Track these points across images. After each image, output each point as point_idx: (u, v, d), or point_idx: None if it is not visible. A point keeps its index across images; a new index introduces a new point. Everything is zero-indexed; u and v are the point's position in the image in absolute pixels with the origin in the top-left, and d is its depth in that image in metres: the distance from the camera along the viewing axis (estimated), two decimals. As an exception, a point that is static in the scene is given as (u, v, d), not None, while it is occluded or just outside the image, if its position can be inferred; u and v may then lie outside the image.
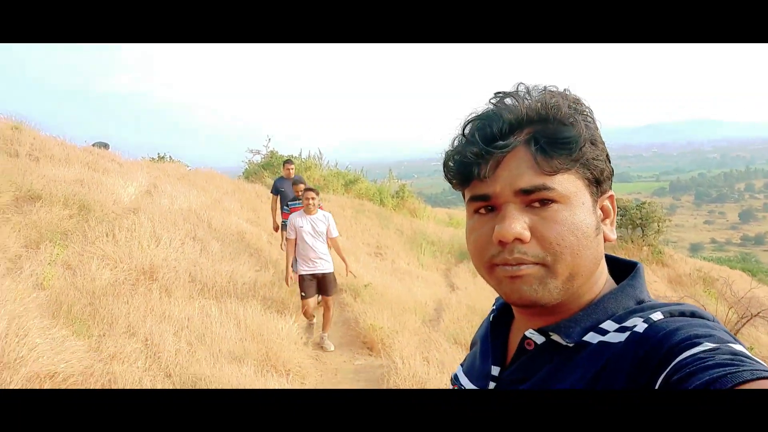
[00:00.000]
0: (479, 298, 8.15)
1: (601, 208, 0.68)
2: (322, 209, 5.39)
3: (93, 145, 10.35)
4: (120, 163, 9.36)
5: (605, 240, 0.68)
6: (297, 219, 5.14)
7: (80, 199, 5.99)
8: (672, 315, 0.60)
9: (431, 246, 11.27)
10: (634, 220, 14.25)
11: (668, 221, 16.39)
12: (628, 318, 0.63)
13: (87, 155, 8.51)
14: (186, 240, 6.22)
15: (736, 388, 0.45)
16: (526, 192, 0.63)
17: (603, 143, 0.68)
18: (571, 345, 0.65)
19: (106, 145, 10.81)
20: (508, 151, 0.63)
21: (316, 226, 5.14)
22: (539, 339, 0.68)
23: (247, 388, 3.48)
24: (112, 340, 3.53)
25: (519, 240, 0.63)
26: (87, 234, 5.31)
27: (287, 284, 5.35)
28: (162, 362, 3.63)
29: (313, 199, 5.14)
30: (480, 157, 0.64)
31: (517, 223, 0.62)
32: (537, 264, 0.63)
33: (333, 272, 5.24)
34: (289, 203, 6.51)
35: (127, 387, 3.11)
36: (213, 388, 3.42)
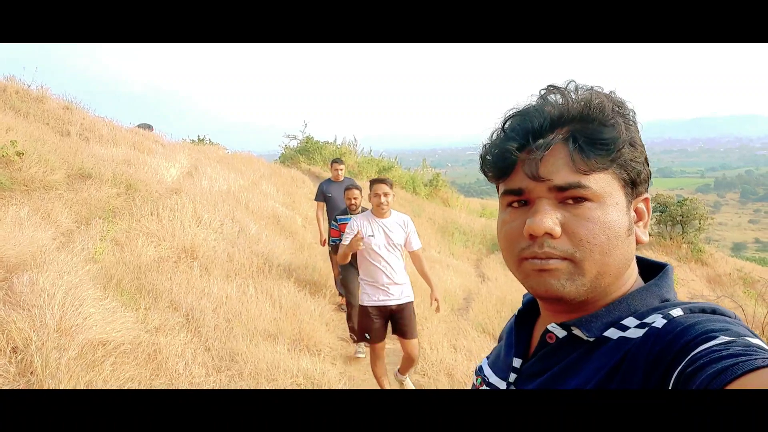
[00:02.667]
0: (509, 290, 8.16)
1: (636, 210, 0.69)
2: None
3: (138, 126, 10.72)
4: (163, 144, 9.69)
5: (637, 242, 0.69)
6: (363, 222, 3.62)
7: (127, 179, 6.28)
8: (692, 311, 0.61)
9: (463, 236, 11.29)
10: (675, 217, 13.83)
11: (710, 219, 15.88)
12: (649, 315, 0.64)
13: (133, 136, 8.85)
14: (225, 221, 6.44)
15: (747, 374, 0.46)
16: (560, 189, 0.64)
17: (642, 146, 0.68)
18: (591, 339, 0.66)
19: (150, 127, 11.18)
20: (548, 149, 0.64)
21: (391, 235, 3.59)
22: (561, 333, 0.69)
23: (281, 366, 3.64)
24: (157, 313, 3.74)
25: (549, 235, 0.64)
26: (133, 212, 5.57)
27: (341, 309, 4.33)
28: (202, 336, 3.83)
29: (386, 195, 3.58)
30: (519, 152, 0.66)
31: (549, 218, 0.63)
32: (566, 259, 0.64)
33: (413, 302, 3.72)
34: (338, 217, 5.05)
35: (170, 357, 3.31)
36: (249, 364, 3.59)
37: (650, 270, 0.73)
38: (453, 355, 4.94)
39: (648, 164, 0.69)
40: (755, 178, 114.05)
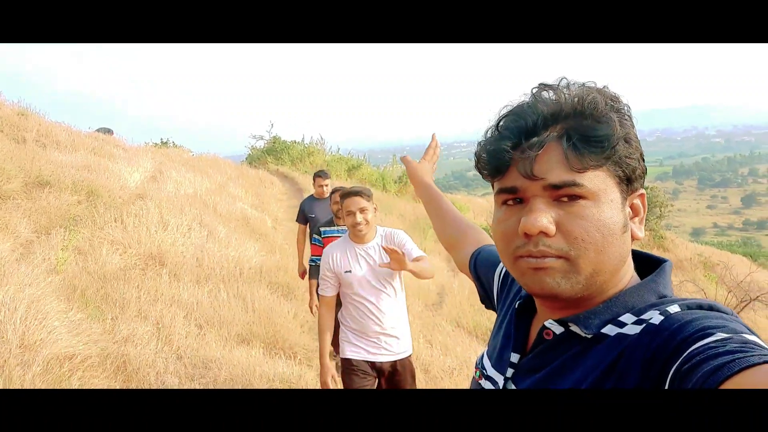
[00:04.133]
0: (481, 283, 8.26)
1: (631, 206, 0.68)
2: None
3: (97, 130, 10.41)
4: (125, 148, 9.43)
5: (633, 238, 0.69)
6: (337, 255, 2.68)
7: (88, 185, 6.08)
8: (689, 308, 0.61)
9: (433, 231, 11.37)
10: (636, 206, 14.22)
11: (670, 206, 16.40)
12: (646, 311, 0.63)
13: (92, 141, 8.57)
14: (193, 225, 6.31)
15: (742, 371, 0.46)
16: (555, 187, 0.64)
17: (638, 141, 0.67)
18: (589, 336, 0.65)
19: (109, 131, 10.86)
20: (542, 147, 0.64)
21: (377, 267, 2.64)
22: (558, 329, 0.69)
23: (256, 371, 3.59)
24: (125, 323, 3.63)
25: (544, 233, 0.64)
26: (96, 219, 5.40)
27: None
28: (173, 344, 3.74)
29: (363, 211, 2.64)
30: (513, 150, 0.66)
31: (544, 217, 0.63)
32: (561, 257, 0.64)
33: (411, 355, 2.77)
34: (322, 230, 4.02)
35: (141, 368, 3.23)
36: (223, 370, 3.53)
37: (649, 264, 0.73)
38: (429, 350, 4.97)
39: (643, 159, 0.68)
40: (711, 165, 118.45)
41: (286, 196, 10.84)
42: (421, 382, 4.24)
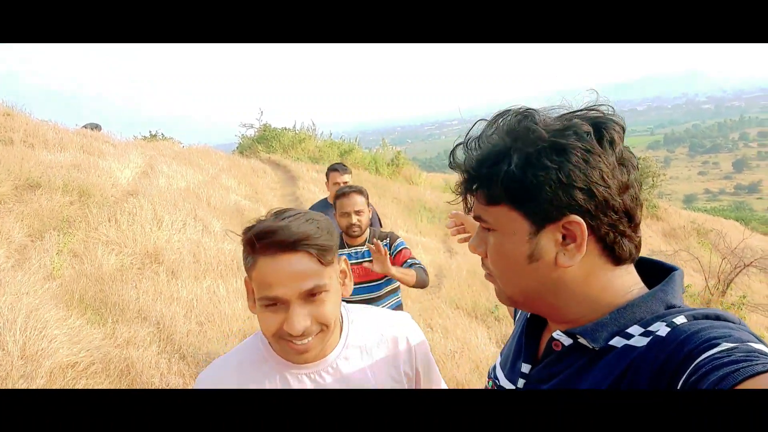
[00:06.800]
0: (478, 263, 8.28)
1: (566, 233, 0.67)
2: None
3: (84, 127, 10.27)
4: (114, 144, 9.32)
5: (559, 266, 0.68)
6: None
7: (79, 185, 6.02)
8: (695, 318, 0.61)
9: (428, 212, 11.36)
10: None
11: (663, 175, 16.45)
12: (653, 322, 0.64)
13: (80, 138, 8.47)
14: (187, 220, 6.27)
15: (747, 380, 0.47)
16: (476, 218, 0.75)
17: (567, 172, 0.65)
18: (597, 348, 0.67)
19: (97, 127, 10.73)
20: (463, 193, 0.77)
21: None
22: (567, 341, 0.71)
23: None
24: (125, 326, 3.63)
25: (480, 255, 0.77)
26: (89, 220, 5.36)
27: None
28: (175, 344, 3.75)
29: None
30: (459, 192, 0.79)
31: (473, 241, 0.77)
32: (491, 275, 0.77)
33: None
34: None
35: (144, 371, 3.23)
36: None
37: (662, 271, 0.73)
38: (430, 334, 5.00)
39: (578, 187, 0.65)
40: (702, 132, 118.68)
41: (280, 184, 10.79)
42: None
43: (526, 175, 0.66)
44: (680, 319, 0.61)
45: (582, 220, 0.66)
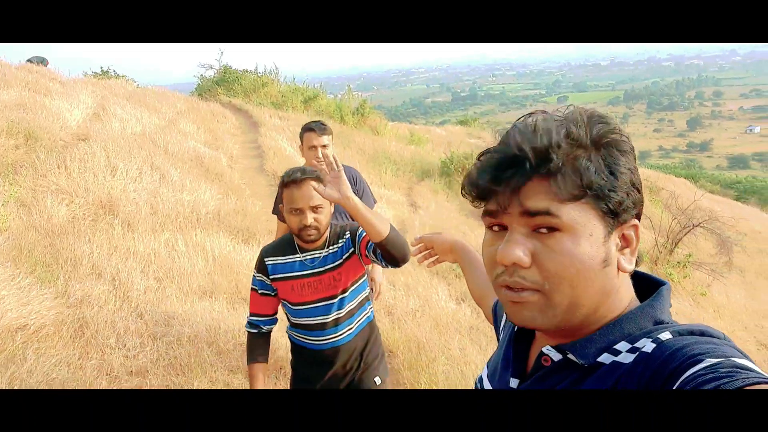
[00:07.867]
0: (441, 218, 8.35)
1: (623, 237, 0.67)
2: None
3: (28, 61, 9.55)
4: (61, 81, 8.74)
5: (620, 270, 0.67)
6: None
7: (25, 127, 5.63)
8: (680, 334, 0.62)
9: (393, 165, 11.27)
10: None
11: (622, 133, 16.73)
12: (640, 339, 0.64)
13: (25, 74, 7.90)
14: (143, 168, 6.00)
15: None
16: (530, 214, 0.63)
17: (629, 170, 0.66)
18: (586, 365, 0.66)
19: (44, 61, 10.00)
20: (522, 182, 0.64)
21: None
22: (556, 356, 0.70)
23: (221, 327, 3.55)
24: (78, 283, 3.49)
25: (518, 265, 0.64)
26: (37, 166, 5.05)
27: None
28: (132, 302, 3.64)
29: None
30: (493, 183, 0.66)
31: (518, 248, 0.64)
32: (536, 291, 0.64)
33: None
34: None
35: (99, 331, 3.13)
36: (186, 327, 3.48)
37: (650, 286, 0.73)
38: (392, 292, 5.04)
39: (637, 189, 0.67)
40: (660, 89, 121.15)
41: (240, 130, 10.42)
42: (386, 325, 4.32)
43: (613, 172, 0.64)
44: (666, 335, 0.62)
45: (639, 224, 0.68)
